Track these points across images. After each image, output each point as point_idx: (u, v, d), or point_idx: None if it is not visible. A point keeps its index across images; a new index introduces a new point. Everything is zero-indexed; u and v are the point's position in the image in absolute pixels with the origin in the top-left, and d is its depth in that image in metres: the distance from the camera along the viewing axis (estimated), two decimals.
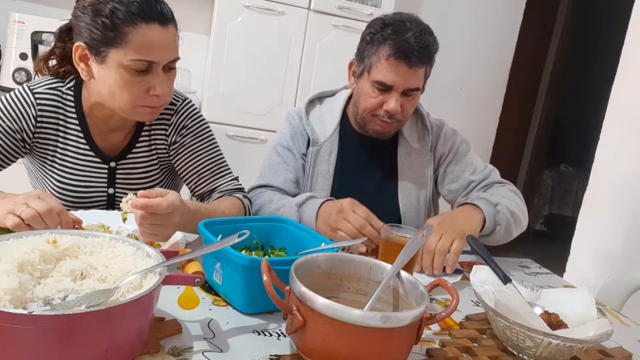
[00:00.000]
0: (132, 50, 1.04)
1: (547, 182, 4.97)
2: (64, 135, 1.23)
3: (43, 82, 1.22)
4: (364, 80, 1.38)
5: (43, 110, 1.19)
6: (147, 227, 0.96)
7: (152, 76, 1.09)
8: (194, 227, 1.02)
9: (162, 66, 1.09)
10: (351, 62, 1.46)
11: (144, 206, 0.93)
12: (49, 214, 0.91)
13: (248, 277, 0.85)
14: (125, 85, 1.08)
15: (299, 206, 1.28)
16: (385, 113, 1.35)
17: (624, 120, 1.99)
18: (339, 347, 0.70)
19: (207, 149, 1.31)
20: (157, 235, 0.98)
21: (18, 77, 2.28)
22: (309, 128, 1.47)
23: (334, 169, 1.46)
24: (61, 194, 1.24)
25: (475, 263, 1.31)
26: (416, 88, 1.34)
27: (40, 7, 2.56)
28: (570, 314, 0.93)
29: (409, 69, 1.30)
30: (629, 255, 1.92)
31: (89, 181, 1.25)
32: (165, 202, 0.94)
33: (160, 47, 1.07)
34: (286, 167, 1.45)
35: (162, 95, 1.10)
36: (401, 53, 1.28)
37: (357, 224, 1.16)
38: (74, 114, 1.22)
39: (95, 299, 0.67)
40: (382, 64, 1.31)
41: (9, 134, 1.17)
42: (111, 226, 1.11)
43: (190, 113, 1.31)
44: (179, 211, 0.98)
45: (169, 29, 1.08)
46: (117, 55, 1.05)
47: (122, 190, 1.28)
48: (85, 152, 1.24)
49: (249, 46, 2.49)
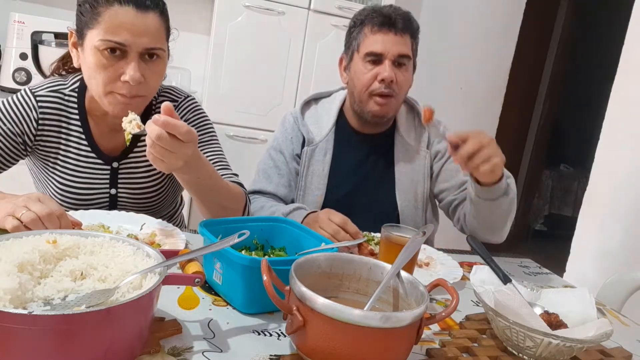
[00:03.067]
0: (102, 31, 1.05)
1: (547, 182, 4.98)
2: (66, 137, 1.23)
3: (45, 84, 1.22)
4: (355, 62, 1.42)
5: (45, 112, 1.19)
6: (158, 150, 0.93)
7: (126, 62, 1.07)
8: (197, 176, 1.04)
9: (137, 52, 1.07)
10: (341, 58, 1.51)
11: (165, 123, 0.90)
12: (49, 218, 0.90)
13: (248, 277, 0.85)
14: (98, 68, 1.07)
15: (285, 215, 1.30)
16: (380, 84, 1.37)
17: (624, 121, 1.99)
18: (339, 347, 0.70)
19: (209, 143, 1.30)
20: (164, 162, 0.95)
21: (18, 77, 2.27)
22: (304, 128, 1.48)
23: (329, 169, 1.47)
24: (64, 195, 1.24)
25: (475, 263, 1.31)
26: (406, 55, 1.39)
27: (40, 7, 2.56)
28: (570, 314, 0.93)
29: (395, 36, 1.37)
30: (629, 255, 1.92)
31: (91, 182, 1.25)
32: (186, 127, 0.92)
33: (131, 30, 1.05)
34: (278, 171, 1.48)
35: (132, 81, 1.06)
36: (384, 23, 1.37)
37: (330, 230, 1.18)
38: (77, 115, 1.22)
39: (95, 299, 0.67)
40: (368, 38, 1.39)
41: (10, 137, 1.17)
42: (111, 226, 1.11)
43: (193, 109, 1.31)
44: (194, 144, 0.96)
45: (148, 15, 1.07)
46: (92, 37, 1.06)
47: (124, 190, 1.28)
48: (87, 154, 1.24)
49: (249, 46, 2.49)
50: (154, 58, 1.10)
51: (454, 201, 1.47)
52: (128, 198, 1.29)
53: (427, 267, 1.21)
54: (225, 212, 1.17)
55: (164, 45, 1.12)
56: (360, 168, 1.49)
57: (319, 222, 1.21)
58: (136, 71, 1.06)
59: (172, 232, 1.12)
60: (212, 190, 1.12)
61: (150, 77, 1.11)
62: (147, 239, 1.08)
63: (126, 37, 1.05)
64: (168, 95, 1.32)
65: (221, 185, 1.14)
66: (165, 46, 1.14)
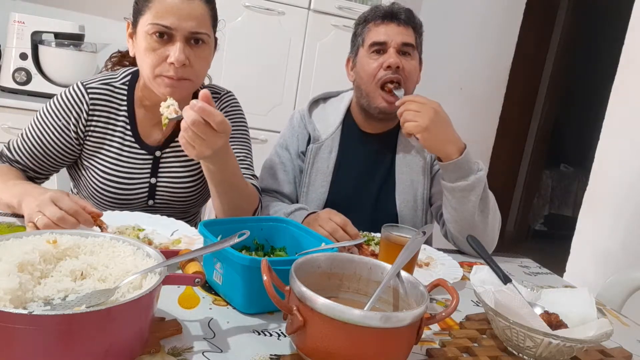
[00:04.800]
0: (151, 15, 1.12)
1: (547, 182, 4.98)
2: (113, 128, 1.27)
3: (97, 78, 1.27)
4: (361, 55, 1.45)
5: (95, 104, 1.24)
6: (190, 135, 0.98)
7: (173, 45, 1.12)
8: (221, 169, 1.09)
9: (182, 36, 1.12)
10: (347, 59, 1.53)
11: (201, 109, 0.95)
12: (62, 220, 0.93)
13: (248, 277, 0.85)
14: (147, 52, 1.13)
15: (287, 215, 1.31)
16: (387, 71, 1.38)
17: (624, 120, 1.99)
18: (339, 347, 0.70)
19: (239, 141, 1.35)
20: (194, 148, 1.00)
21: (18, 77, 2.27)
22: (311, 126, 1.49)
23: (334, 167, 1.47)
24: (105, 184, 1.27)
25: (475, 263, 1.31)
26: (410, 44, 1.40)
27: (40, 7, 2.56)
28: (570, 314, 0.93)
29: (397, 26, 1.40)
30: (629, 255, 1.92)
31: (133, 172, 1.28)
32: (221, 116, 0.97)
33: (178, 14, 1.11)
34: (284, 167, 1.49)
35: (176, 62, 1.12)
36: (387, 15, 1.41)
37: (329, 228, 1.19)
38: (125, 107, 1.27)
39: (95, 299, 0.67)
40: (372, 31, 1.42)
41: (63, 132, 1.23)
42: (146, 229, 1.11)
43: (232, 103, 1.38)
44: (226, 136, 1.01)
45: (194, 1, 1.13)
46: (143, 22, 1.13)
47: (163, 179, 1.31)
48: (130, 144, 1.28)
49: (249, 46, 2.49)
50: (199, 43, 1.16)
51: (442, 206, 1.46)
52: (166, 188, 1.31)
53: (427, 267, 1.21)
54: (239, 210, 1.20)
55: (209, 30, 1.18)
56: (365, 167, 1.50)
57: (319, 220, 1.21)
58: (181, 53, 1.12)
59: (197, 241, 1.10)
60: (232, 186, 1.16)
61: (195, 61, 1.16)
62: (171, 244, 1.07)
63: (172, 21, 1.11)
64: (211, 89, 1.39)
65: (241, 184, 1.18)
66: (211, 32, 1.20)
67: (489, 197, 1.35)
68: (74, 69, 2.33)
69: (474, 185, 1.29)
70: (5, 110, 2.17)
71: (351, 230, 1.19)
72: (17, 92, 2.28)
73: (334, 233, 1.17)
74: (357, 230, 1.21)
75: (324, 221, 1.20)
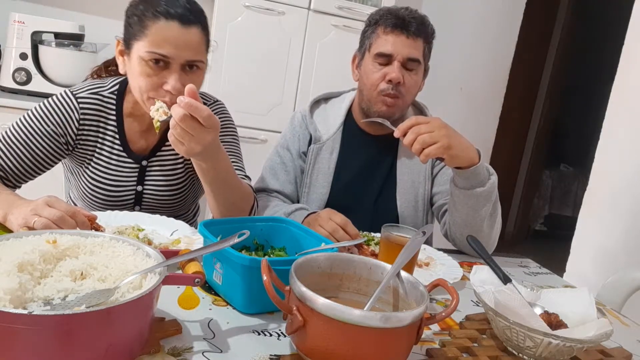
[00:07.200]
0: (148, 43, 1.11)
1: (547, 182, 4.97)
2: (102, 137, 1.28)
3: (85, 86, 1.27)
4: (366, 61, 1.43)
5: (85, 114, 1.25)
6: (179, 132, 0.99)
7: (169, 72, 1.13)
8: (213, 166, 1.09)
9: (179, 64, 1.13)
10: (354, 56, 1.52)
11: (187, 105, 0.96)
12: (62, 220, 0.93)
13: (248, 277, 0.85)
14: (142, 76, 1.13)
15: (287, 215, 1.31)
16: (388, 85, 1.37)
17: (624, 121, 1.99)
18: (339, 347, 0.70)
19: (229, 144, 1.35)
20: (183, 145, 1.01)
21: (18, 77, 2.27)
22: (312, 126, 1.49)
23: (335, 167, 1.47)
24: (94, 191, 1.29)
25: (475, 263, 1.31)
26: (416, 59, 1.38)
27: (40, 7, 2.56)
28: (570, 314, 0.93)
29: (406, 39, 1.36)
30: (629, 255, 1.92)
31: (120, 180, 1.30)
32: (208, 111, 0.98)
33: (175, 43, 1.11)
34: (285, 167, 1.49)
35: (173, 90, 1.12)
36: (398, 24, 1.36)
37: (329, 227, 1.19)
38: (114, 117, 1.28)
39: (95, 299, 0.67)
40: (380, 38, 1.39)
41: (53, 138, 1.22)
42: (146, 229, 1.13)
43: (222, 110, 1.40)
44: (214, 131, 1.01)
45: (191, 29, 1.13)
46: (138, 47, 1.13)
47: (149, 187, 1.33)
48: (119, 153, 1.30)
49: (249, 46, 2.49)
50: (194, 69, 1.17)
51: (444, 205, 1.46)
52: (152, 195, 1.34)
53: (427, 267, 1.21)
54: (234, 209, 1.20)
55: (204, 57, 1.19)
56: (366, 167, 1.50)
57: (319, 220, 1.21)
58: (177, 82, 1.12)
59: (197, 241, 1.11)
60: (226, 184, 1.16)
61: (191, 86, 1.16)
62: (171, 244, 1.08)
63: (170, 50, 1.11)
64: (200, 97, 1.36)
65: (235, 181, 1.19)
66: (205, 58, 1.20)
67: (498, 202, 1.35)
68: (74, 69, 2.32)
69: (490, 190, 1.28)
70: (5, 110, 2.16)
71: (351, 230, 1.19)
72: (17, 92, 2.28)
73: (334, 233, 1.18)
74: (357, 230, 1.21)
75: (324, 221, 1.20)
